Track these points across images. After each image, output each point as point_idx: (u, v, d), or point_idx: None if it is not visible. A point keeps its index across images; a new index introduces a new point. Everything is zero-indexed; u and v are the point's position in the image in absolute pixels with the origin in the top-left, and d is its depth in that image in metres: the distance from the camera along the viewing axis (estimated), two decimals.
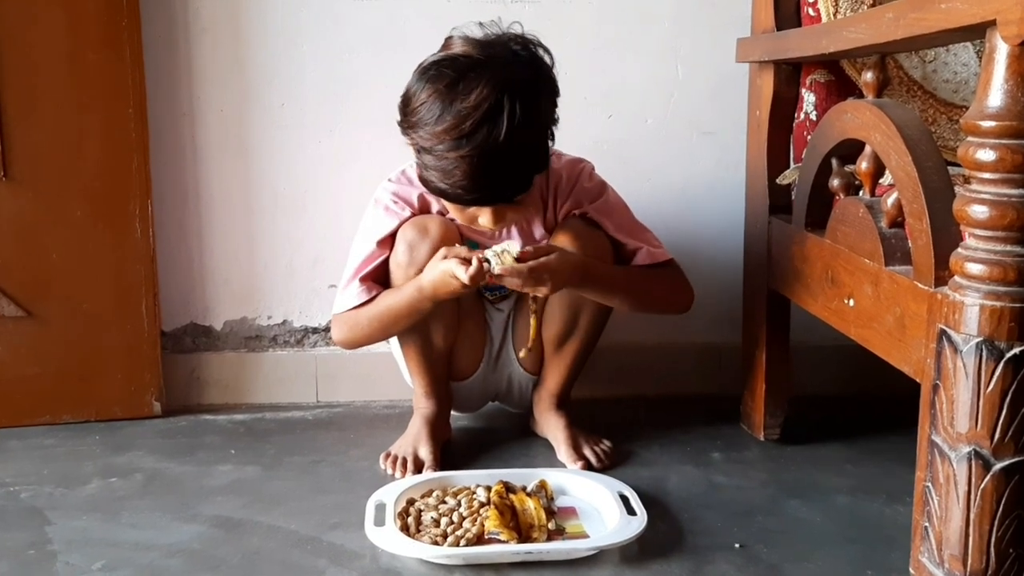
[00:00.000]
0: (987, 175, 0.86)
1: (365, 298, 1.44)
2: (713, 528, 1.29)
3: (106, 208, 1.62)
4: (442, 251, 1.35)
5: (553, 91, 1.34)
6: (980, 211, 0.87)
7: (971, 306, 0.88)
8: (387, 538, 1.19)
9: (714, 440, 1.60)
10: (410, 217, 1.45)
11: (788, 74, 1.52)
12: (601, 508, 1.31)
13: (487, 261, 1.31)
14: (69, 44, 1.57)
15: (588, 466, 1.46)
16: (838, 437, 1.61)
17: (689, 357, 1.83)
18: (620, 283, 1.46)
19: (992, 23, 0.83)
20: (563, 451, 1.50)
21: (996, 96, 0.84)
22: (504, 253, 1.31)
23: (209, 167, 1.73)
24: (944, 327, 0.91)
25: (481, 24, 1.34)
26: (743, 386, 1.67)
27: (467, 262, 1.30)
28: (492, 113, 1.23)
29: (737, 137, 1.70)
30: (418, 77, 1.30)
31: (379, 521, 1.24)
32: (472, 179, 1.26)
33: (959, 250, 0.91)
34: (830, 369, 1.79)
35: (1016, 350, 0.86)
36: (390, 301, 1.43)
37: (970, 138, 0.87)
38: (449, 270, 1.32)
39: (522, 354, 1.53)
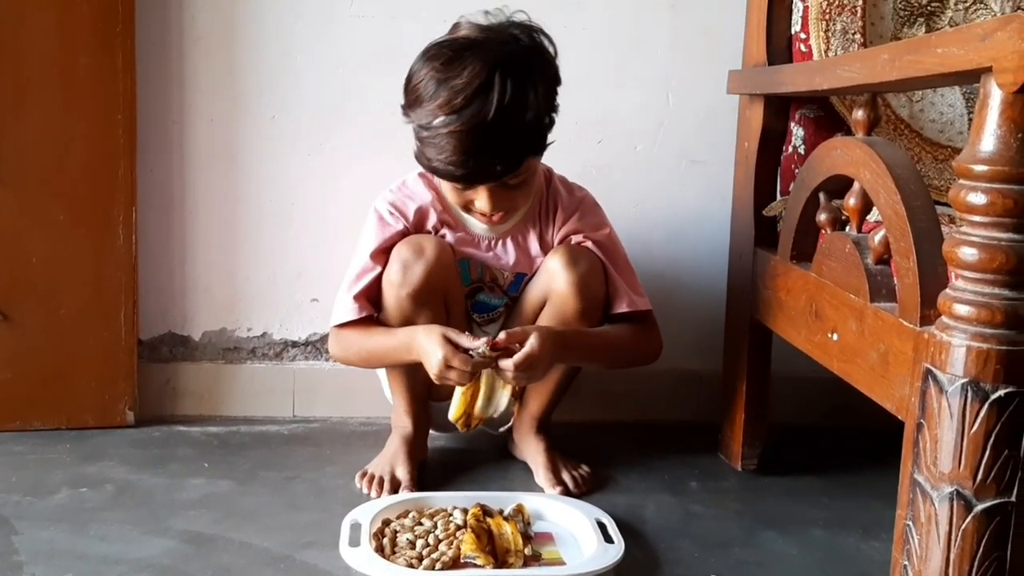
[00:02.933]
0: (977, 218, 0.87)
1: (355, 316, 1.43)
2: (689, 558, 1.28)
3: (90, 213, 1.60)
4: (443, 334, 1.32)
5: (552, 76, 1.36)
6: (970, 253, 0.87)
7: (958, 347, 0.88)
8: (361, 559, 1.18)
9: (692, 469, 1.60)
10: (404, 229, 1.45)
11: (778, 107, 1.53)
12: (578, 534, 1.31)
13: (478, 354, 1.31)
14: (60, 47, 1.56)
15: (566, 491, 1.46)
16: (815, 469, 1.62)
17: (669, 384, 1.83)
18: (597, 350, 1.47)
19: (988, 69, 0.83)
20: (541, 475, 1.50)
21: (989, 141, 0.85)
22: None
23: (196, 176, 1.72)
24: (930, 366, 0.92)
25: (487, 12, 1.36)
26: (722, 415, 1.67)
27: (459, 351, 1.30)
28: (483, 89, 1.26)
29: (725, 167, 1.71)
30: (419, 58, 1.34)
31: (354, 541, 1.23)
32: (462, 154, 1.28)
33: (947, 291, 0.91)
34: (809, 401, 1.79)
35: (1001, 392, 0.86)
36: (382, 343, 1.42)
37: (962, 181, 0.88)
38: (442, 363, 1.30)
39: (503, 429, 1.58)
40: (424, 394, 1.54)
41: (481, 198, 1.36)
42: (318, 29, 1.69)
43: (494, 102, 1.25)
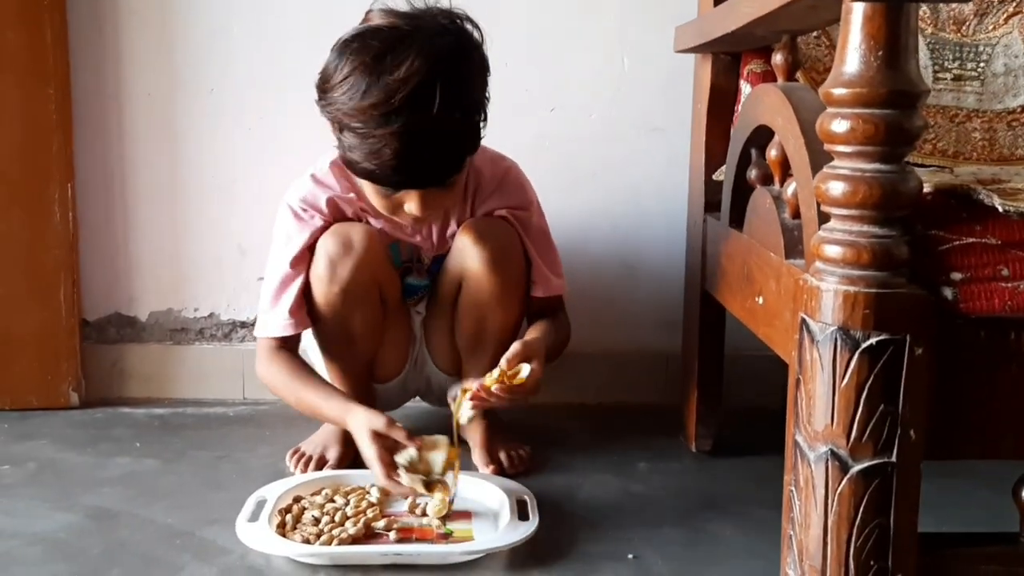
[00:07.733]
0: (841, 148, 0.78)
1: (290, 332, 1.35)
2: (612, 537, 1.21)
3: (23, 191, 1.59)
4: (375, 432, 1.23)
5: (484, 67, 1.26)
6: (836, 187, 0.78)
7: (827, 291, 0.80)
8: (252, 534, 1.13)
9: (645, 450, 1.52)
10: (324, 224, 1.35)
11: (727, 64, 1.45)
12: (498, 513, 1.24)
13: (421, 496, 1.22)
14: None
15: (500, 470, 1.39)
16: (774, 450, 1.50)
17: (636, 364, 1.75)
18: (550, 353, 1.37)
19: None
20: (477, 454, 1.43)
21: (851, 61, 0.76)
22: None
23: (136, 152, 1.68)
24: (804, 315, 0.83)
25: None
26: (681, 394, 1.59)
27: (393, 468, 1.21)
28: (424, 87, 1.14)
29: (687, 134, 1.62)
30: (339, 51, 1.20)
31: (255, 517, 1.18)
32: (402, 158, 1.16)
33: (820, 232, 0.83)
34: (773, 380, 1.69)
35: (873, 340, 0.77)
36: (314, 399, 1.34)
37: (829, 109, 0.79)
38: (375, 468, 1.22)
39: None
40: (367, 381, 1.46)
41: (412, 201, 1.23)
42: None
43: (436, 101, 1.13)
